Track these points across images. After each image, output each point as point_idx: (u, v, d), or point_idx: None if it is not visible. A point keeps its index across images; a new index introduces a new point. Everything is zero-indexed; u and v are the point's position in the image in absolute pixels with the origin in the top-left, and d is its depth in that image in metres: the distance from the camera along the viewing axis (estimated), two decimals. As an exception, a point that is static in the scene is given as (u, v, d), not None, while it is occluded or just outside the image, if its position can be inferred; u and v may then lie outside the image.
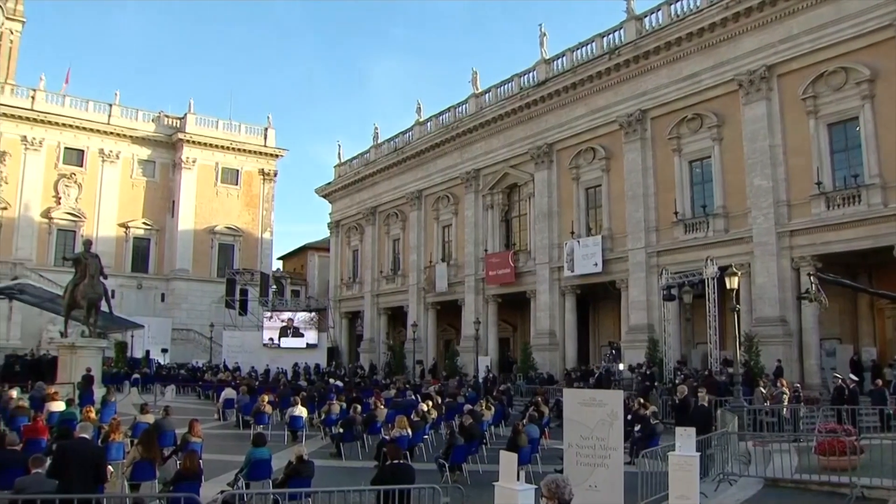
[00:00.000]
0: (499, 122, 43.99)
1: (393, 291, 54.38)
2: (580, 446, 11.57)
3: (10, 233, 57.87)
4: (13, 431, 14.44)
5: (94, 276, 31.57)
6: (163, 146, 65.13)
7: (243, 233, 66.76)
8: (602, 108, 37.82)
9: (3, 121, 58.30)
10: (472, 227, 46.05)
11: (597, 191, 38.72)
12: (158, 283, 63.89)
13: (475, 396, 29.84)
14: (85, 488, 9.95)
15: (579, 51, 39.61)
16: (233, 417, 26.87)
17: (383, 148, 56.70)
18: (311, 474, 12.07)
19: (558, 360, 39.27)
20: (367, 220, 57.67)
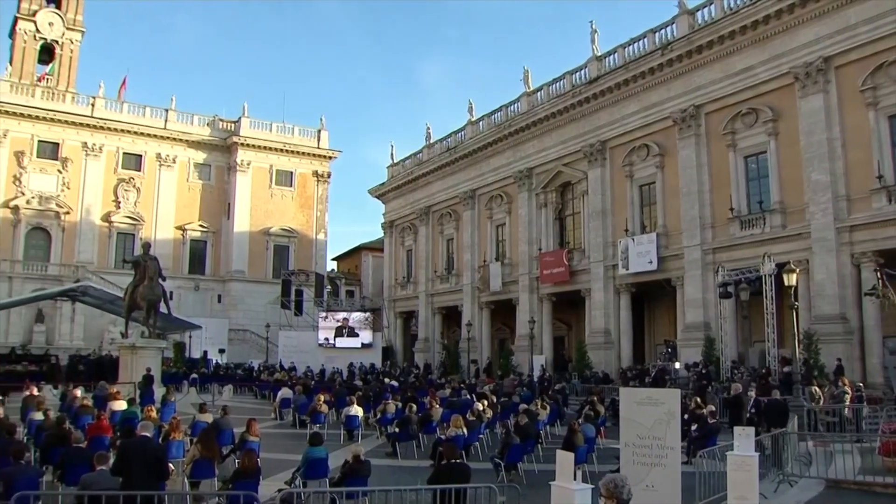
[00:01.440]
0: (551, 121, 43.82)
1: (447, 291, 54.46)
2: (637, 446, 11.49)
3: (72, 237, 59.32)
4: (78, 429, 14.74)
5: (153, 279, 32.11)
6: (218, 150, 66.15)
7: (298, 234, 67.44)
8: (655, 105, 37.47)
9: (65, 128, 59.87)
10: (525, 225, 45.94)
11: (651, 188, 38.37)
12: (215, 284, 64.90)
13: (530, 396, 29.77)
14: (147, 485, 10.14)
15: (631, 47, 39.30)
16: (289, 417, 27.07)
17: (436, 148, 56.82)
18: (367, 473, 12.14)
19: (613, 359, 39.01)
20: (420, 219, 57.83)
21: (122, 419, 18.17)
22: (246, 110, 66.84)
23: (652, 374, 33.59)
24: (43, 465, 13.56)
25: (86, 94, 63.14)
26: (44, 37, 66.38)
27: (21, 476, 10.44)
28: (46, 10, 66.64)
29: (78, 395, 22.64)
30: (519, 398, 27.68)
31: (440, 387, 34.05)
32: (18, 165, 58.26)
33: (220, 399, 32.97)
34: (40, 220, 58.99)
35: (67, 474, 12.10)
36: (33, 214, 58.63)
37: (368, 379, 40.13)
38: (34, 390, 23.16)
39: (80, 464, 11.42)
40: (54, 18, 66.82)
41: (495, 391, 31.46)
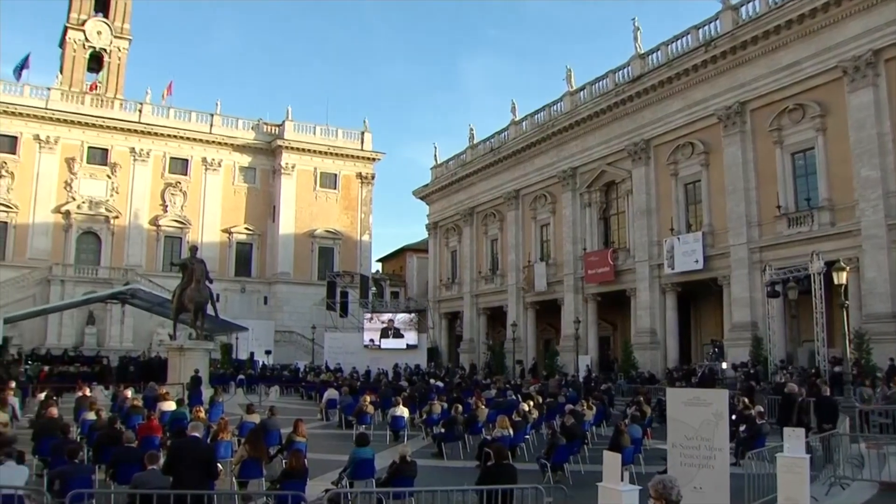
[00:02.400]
0: (594, 120, 43.61)
1: (492, 291, 54.42)
2: (684, 447, 11.37)
3: (121, 240, 60.36)
4: (129, 429, 14.98)
5: (200, 281, 32.48)
6: (262, 153, 66.81)
7: (342, 236, 67.84)
8: (699, 102, 37.11)
9: (113, 134, 61.00)
10: (570, 225, 45.76)
11: (696, 186, 38.01)
12: (261, 286, 65.54)
13: (576, 396, 29.65)
14: (197, 485, 10.30)
15: (674, 44, 38.97)
16: (335, 417, 27.19)
17: (479, 149, 56.81)
18: (414, 474, 12.20)
19: (659, 359, 38.71)
20: (464, 220, 57.86)
21: (172, 419, 18.44)
22: (290, 114, 67.43)
23: (699, 375, 33.27)
24: (96, 464, 13.78)
25: (133, 101, 64.31)
26: (92, 45, 67.82)
27: (75, 475, 10.67)
28: (95, 19, 68.10)
29: (129, 396, 23.06)
30: (564, 399, 27.60)
31: (486, 387, 34.02)
32: (69, 171, 59.46)
33: (266, 400, 33.25)
34: (90, 225, 60.10)
35: (119, 473, 12.30)
36: (84, 219, 59.76)
37: (414, 380, 40.19)
38: (86, 391, 23.54)
39: (131, 463, 11.62)
40: (102, 27, 68.19)
41: (541, 392, 31.34)
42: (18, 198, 57.51)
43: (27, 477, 11.38)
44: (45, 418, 16.39)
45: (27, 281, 55.47)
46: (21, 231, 57.61)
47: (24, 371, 38.29)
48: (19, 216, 57.51)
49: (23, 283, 55.28)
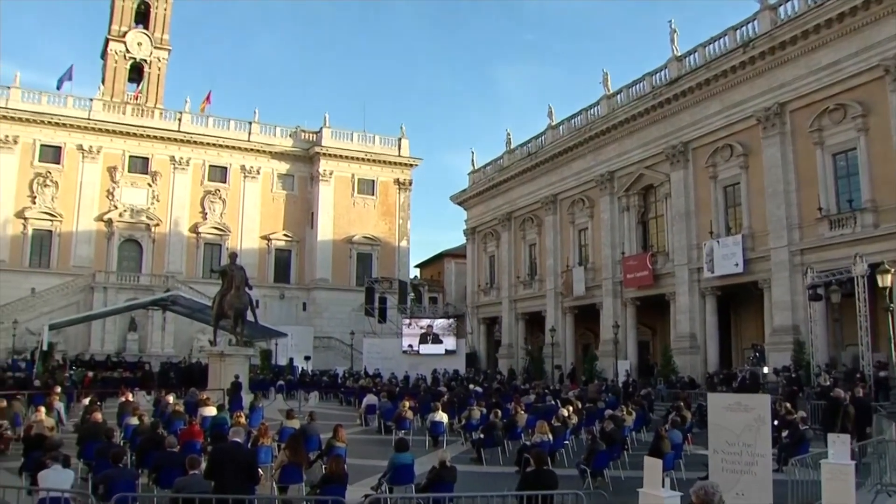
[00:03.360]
0: (632, 123, 43.37)
1: (530, 296, 54.29)
2: (726, 452, 11.28)
3: (162, 248, 61.16)
4: (171, 434, 15.15)
5: (239, 288, 32.77)
6: (301, 160, 67.32)
7: (381, 242, 68.07)
8: (738, 104, 36.72)
9: (153, 143, 61.87)
10: (608, 229, 45.53)
11: (735, 189, 37.61)
12: (300, 292, 65.98)
13: (615, 401, 29.48)
14: (238, 490, 10.42)
15: (712, 45, 38.59)
16: (375, 423, 27.20)
17: (516, 153, 56.74)
18: (453, 479, 12.18)
19: (699, 364, 38.34)
20: (502, 225, 57.79)
21: (213, 424, 18.60)
22: (327, 121, 67.94)
23: (739, 379, 32.91)
24: (139, 468, 13.97)
25: (173, 110, 65.26)
26: (133, 56, 68.96)
27: (120, 478, 10.83)
28: (135, 30, 69.23)
29: (170, 401, 23.28)
30: (604, 404, 27.44)
31: (525, 392, 33.93)
32: (111, 180, 60.42)
33: (306, 405, 33.42)
34: (132, 233, 60.96)
35: (162, 477, 12.47)
36: (125, 227, 60.64)
37: (453, 385, 40.19)
38: (129, 396, 23.85)
39: (173, 467, 11.75)
40: (142, 38, 69.31)
41: (580, 397, 31.21)
42: (62, 206, 58.55)
43: (73, 480, 11.59)
44: (90, 423, 16.64)
45: (71, 288, 56.39)
46: (65, 239, 58.62)
47: (69, 376, 38.90)
48: (63, 224, 58.54)
49: (67, 291, 56.21)
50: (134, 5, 69.99)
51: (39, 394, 27.13)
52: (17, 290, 55.32)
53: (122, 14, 69.42)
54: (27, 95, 59.30)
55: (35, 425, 16.21)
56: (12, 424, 19.35)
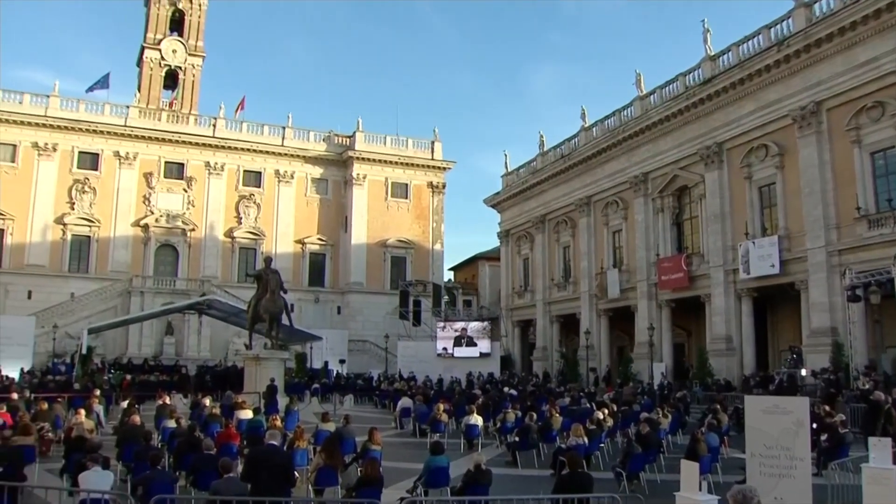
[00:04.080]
0: (665, 124, 43.11)
1: (564, 299, 54.12)
2: (764, 456, 11.16)
3: (197, 252, 61.76)
4: (208, 437, 15.28)
5: (274, 291, 32.92)
6: (334, 164, 67.61)
7: (415, 245, 68.18)
8: (773, 103, 36.34)
9: (188, 149, 62.57)
10: (642, 231, 45.29)
11: (771, 189, 37.24)
12: (334, 296, 66.26)
13: (651, 404, 29.31)
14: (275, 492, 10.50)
15: (746, 44, 38.24)
16: (409, 426, 27.24)
17: (550, 155, 56.61)
18: (488, 482, 12.16)
19: (735, 366, 37.99)
20: (536, 228, 57.67)
21: (249, 427, 18.73)
22: (360, 125, 68.13)
23: (776, 382, 32.54)
24: (176, 471, 14.12)
25: (207, 116, 65.92)
26: (168, 63, 69.86)
27: (158, 481, 10.96)
28: (170, 38, 70.16)
29: (207, 404, 23.48)
30: (639, 406, 27.30)
31: (559, 395, 33.82)
32: (147, 186, 61.18)
33: (341, 408, 33.52)
34: (168, 238, 61.62)
35: (199, 479, 12.56)
36: (162, 232, 61.32)
37: (487, 388, 40.15)
38: (166, 399, 24.08)
39: (210, 470, 11.84)
40: (177, 46, 70.19)
41: (615, 399, 31.04)
42: (100, 212, 59.38)
43: (112, 482, 11.74)
44: (129, 425, 16.82)
45: (109, 292, 57.10)
46: (103, 244, 59.42)
47: (107, 380, 39.37)
48: (101, 230, 59.36)
49: (105, 295, 56.93)
50: (169, 13, 70.92)
51: (79, 396, 27.52)
52: (56, 295, 56.21)
53: (157, 22, 70.38)
54: (65, 104, 60.29)
55: (75, 427, 16.41)
56: (53, 426, 19.60)
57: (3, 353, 42.59)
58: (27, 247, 57.33)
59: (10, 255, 57.10)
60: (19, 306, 54.47)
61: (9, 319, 47.07)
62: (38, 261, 57.49)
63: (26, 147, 58.20)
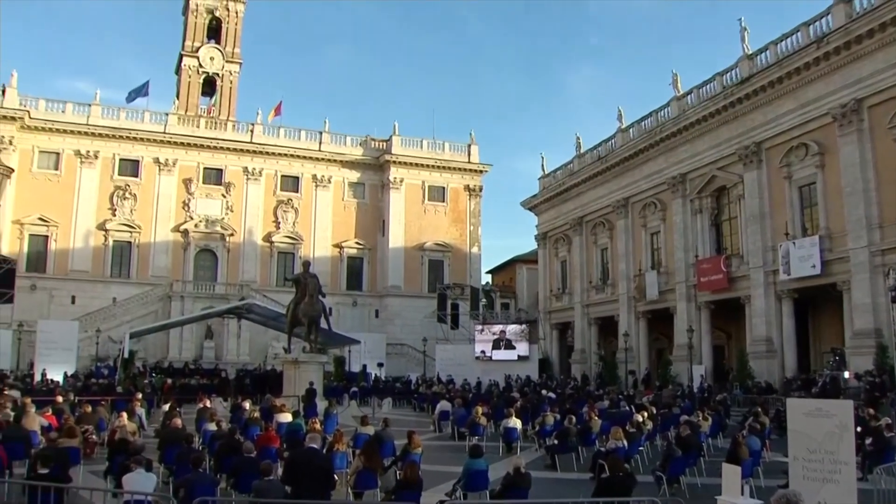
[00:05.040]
0: (703, 124, 42.74)
1: (602, 301, 53.84)
2: (807, 460, 10.99)
3: (236, 257, 62.37)
4: (248, 440, 15.40)
5: (313, 295, 33.12)
6: (371, 168, 67.90)
7: (452, 248, 68.24)
8: (813, 101, 35.84)
9: (227, 154, 63.20)
10: (680, 232, 44.92)
11: (811, 189, 36.73)
12: (372, 299, 66.53)
13: (690, 406, 29.08)
14: (315, 495, 10.57)
15: (784, 42, 37.70)
16: (448, 429, 27.31)
17: (586, 157, 56.35)
18: (528, 486, 12.15)
19: (776, 368, 37.52)
20: (573, 230, 57.44)
21: (288, 431, 18.87)
22: (397, 129, 68.46)
23: (819, 384, 32.11)
24: (217, 473, 14.25)
25: (245, 122, 66.58)
26: (206, 71, 70.86)
27: (199, 483, 11.06)
28: (207, 45, 71.22)
29: (247, 408, 23.68)
30: (679, 409, 27.10)
31: (598, 398, 33.66)
32: (187, 192, 61.95)
33: (380, 412, 33.56)
34: (207, 243, 62.30)
35: (240, 482, 12.68)
36: (201, 237, 62.00)
37: (526, 391, 40.05)
38: (207, 402, 24.32)
39: (251, 472, 11.94)
40: (215, 53, 71.12)
41: (654, 402, 30.85)
42: (141, 218, 60.26)
43: (155, 484, 11.90)
44: (170, 428, 17.03)
45: (150, 297, 57.89)
46: (143, 250, 60.25)
47: (149, 383, 39.85)
48: (142, 236, 60.26)
49: (146, 300, 57.73)
50: (206, 21, 71.94)
51: (122, 400, 27.90)
52: (99, 300, 57.17)
53: (194, 30, 71.43)
54: (107, 112, 61.34)
55: (119, 430, 16.63)
56: (97, 429, 19.92)
57: (49, 357, 43.44)
58: (70, 253, 58.35)
59: (55, 261, 58.16)
60: (63, 311, 55.45)
61: (53, 324, 47.96)
62: (81, 266, 58.46)
63: (69, 155, 59.26)
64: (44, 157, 59.01)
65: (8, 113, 56.00)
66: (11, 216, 56.51)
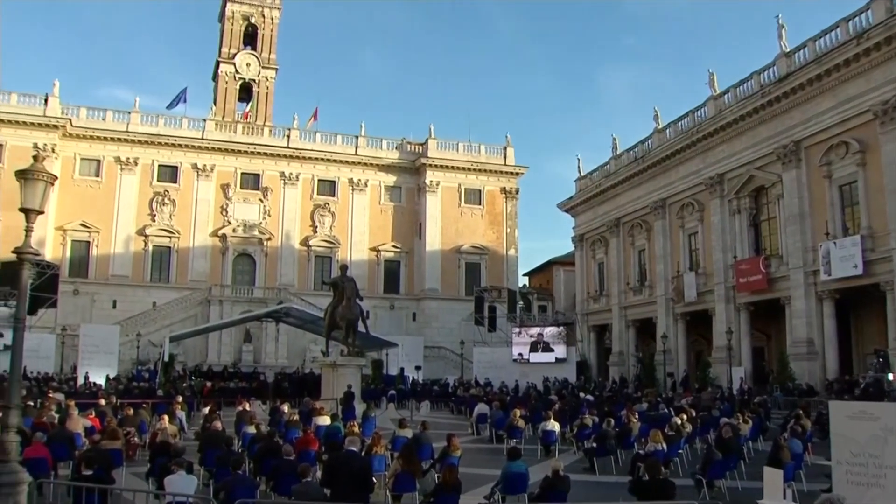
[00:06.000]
0: (740, 123, 42.31)
1: (640, 303, 53.53)
2: (851, 464, 10.81)
3: (274, 261, 62.87)
4: (287, 443, 15.50)
5: (350, 299, 33.28)
6: (407, 172, 68.06)
7: (489, 251, 68.18)
8: (853, 98, 35.27)
9: (264, 159, 63.75)
10: (719, 233, 44.51)
11: (852, 187, 36.19)
12: (409, 303, 66.65)
13: (730, 409, 28.78)
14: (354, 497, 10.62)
15: (822, 39, 37.09)
16: (486, 432, 27.26)
17: (623, 158, 56.05)
18: (567, 489, 12.11)
19: (818, 370, 37.00)
20: (610, 231, 57.16)
21: (327, 433, 18.93)
22: (432, 132, 68.51)
23: (862, 386, 31.63)
24: (256, 476, 14.37)
25: (282, 127, 67.19)
26: (242, 77, 71.64)
27: (239, 486, 11.17)
28: (244, 52, 72.00)
29: (286, 411, 23.82)
30: (719, 412, 26.85)
31: (637, 400, 33.44)
32: (224, 197, 62.56)
33: (418, 415, 33.60)
34: (245, 247, 62.85)
35: (279, 484, 12.77)
36: (239, 242, 62.57)
37: (564, 393, 39.90)
38: (246, 405, 24.51)
39: (290, 475, 12.02)
40: (251, 59, 71.90)
41: (694, 405, 30.58)
42: (179, 223, 60.99)
43: (196, 486, 12.03)
44: (211, 431, 17.18)
45: (189, 301, 58.52)
46: (182, 255, 60.95)
47: (188, 386, 40.24)
48: (181, 241, 60.97)
49: (185, 304, 58.37)
50: (242, 28, 72.73)
51: (162, 402, 28.18)
52: (139, 304, 57.93)
53: (231, 37, 72.23)
54: (146, 119, 62.24)
55: (160, 433, 16.84)
56: (138, 431, 20.19)
57: (91, 361, 44.10)
58: (111, 258, 59.20)
59: (96, 266, 59.07)
60: (105, 315, 56.32)
61: (95, 328, 48.70)
62: (121, 271, 59.29)
63: (109, 162, 60.21)
64: (85, 164, 60.02)
65: (51, 121, 57.06)
66: (54, 223, 57.41)
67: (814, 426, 22.42)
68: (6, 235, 52.15)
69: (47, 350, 45.33)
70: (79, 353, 45.42)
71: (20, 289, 10.71)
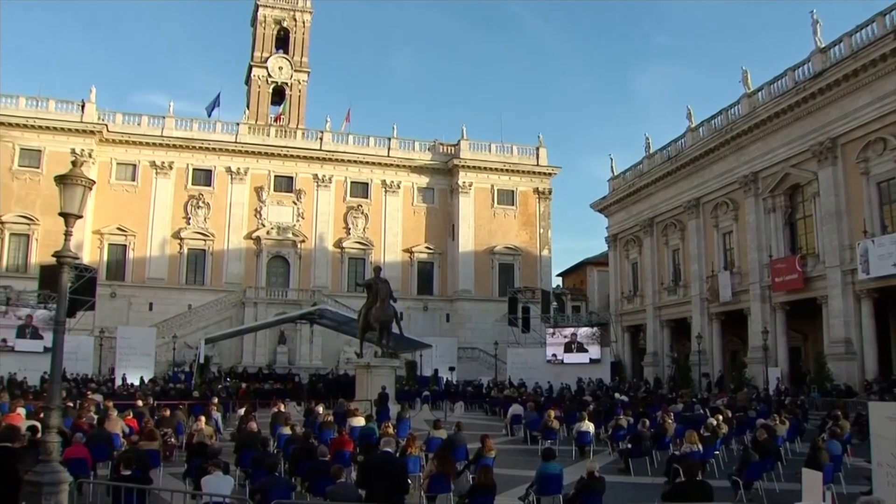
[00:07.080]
0: (775, 121, 41.85)
1: (674, 303, 53.16)
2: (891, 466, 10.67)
3: (308, 263, 63.26)
4: (322, 444, 15.58)
5: (384, 300, 33.42)
6: (440, 173, 68.12)
7: (522, 252, 68.08)
8: (891, 93, 34.57)
9: (297, 162, 64.19)
10: (753, 232, 44.07)
11: (890, 184, 35.61)
12: (443, 304, 66.70)
13: (766, 410, 28.51)
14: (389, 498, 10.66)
15: (858, 34, 36.52)
16: (520, 433, 27.24)
17: (656, 158, 55.70)
18: (602, 490, 12.07)
19: (856, 371, 36.45)
20: (644, 231, 56.84)
21: (361, 435, 19.02)
22: (464, 133, 68.52)
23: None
24: (292, 476, 14.46)
25: (314, 129, 67.54)
26: (274, 80, 72.14)
27: (275, 487, 11.25)
28: (276, 55, 72.55)
29: (320, 412, 23.95)
30: (755, 413, 26.63)
31: (672, 401, 33.22)
32: (258, 199, 63.06)
33: (452, 416, 33.66)
34: (279, 249, 63.28)
35: (314, 485, 12.84)
36: (273, 244, 63.00)
37: (598, 394, 39.73)
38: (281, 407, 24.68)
39: (325, 476, 12.08)
40: (283, 63, 72.40)
41: (729, 405, 30.34)
42: (214, 226, 61.56)
43: (232, 486, 12.15)
44: (246, 432, 17.33)
45: (224, 304, 59.02)
46: (217, 257, 61.50)
47: (224, 387, 40.57)
48: (215, 243, 61.53)
49: (220, 306, 58.88)
50: (274, 32, 73.24)
51: (198, 404, 28.45)
52: (175, 307, 58.52)
53: (263, 41, 72.73)
54: (180, 123, 62.95)
55: (196, 434, 17.00)
56: (175, 432, 20.40)
57: (128, 362, 44.67)
58: (147, 261, 59.88)
59: (133, 269, 59.77)
60: (142, 318, 56.99)
61: (132, 330, 49.28)
62: (157, 274, 59.98)
63: (145, 166, 60.95)
64: (121, 168, 60.79)
65: (87, 127, 57.80)
66: (92, 227, 58.14)
67: (853, 427, 22.14)
68: (46, 239, 53.36)
69: (86, 352, 45.85)
70: (116, 355, 46.00)
71: (60, 292, 10.89)
